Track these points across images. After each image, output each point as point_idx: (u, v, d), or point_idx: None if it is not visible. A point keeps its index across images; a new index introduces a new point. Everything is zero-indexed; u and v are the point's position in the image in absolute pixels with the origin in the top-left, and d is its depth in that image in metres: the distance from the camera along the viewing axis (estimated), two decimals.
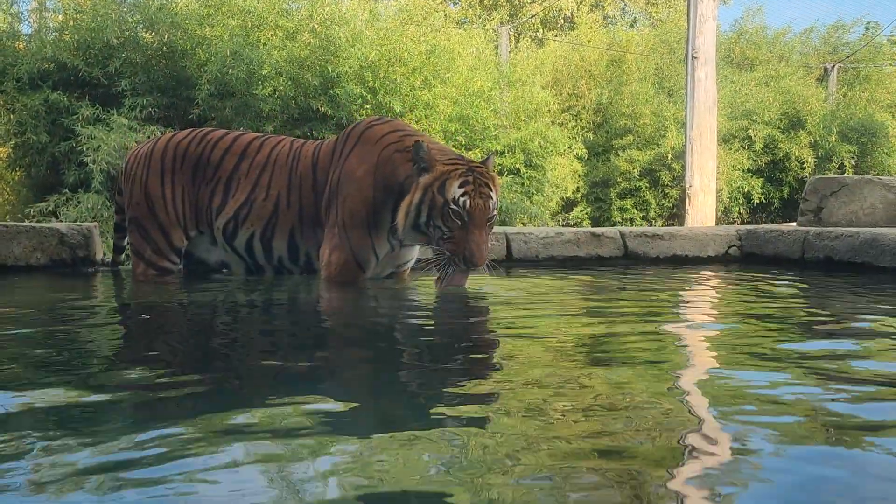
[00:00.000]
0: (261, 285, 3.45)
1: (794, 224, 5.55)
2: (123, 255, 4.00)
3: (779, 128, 12.24)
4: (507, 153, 9.88)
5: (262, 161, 3.55)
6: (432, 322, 2.68)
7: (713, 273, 4.23)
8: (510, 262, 4.41)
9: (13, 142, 7.60)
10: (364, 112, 8.16)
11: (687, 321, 2.66)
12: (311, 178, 3.48)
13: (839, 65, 14.74)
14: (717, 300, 3.25)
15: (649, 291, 3.44)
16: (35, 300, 3.08)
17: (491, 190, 3.15)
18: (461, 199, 3.07)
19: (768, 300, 3.14)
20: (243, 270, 3.66)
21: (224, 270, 3.73)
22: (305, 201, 3.48)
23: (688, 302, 3.22)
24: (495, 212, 3.17)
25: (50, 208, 6.99)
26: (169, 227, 3.58)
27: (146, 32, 7.71)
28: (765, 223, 12.25)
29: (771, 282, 3.76)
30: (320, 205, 3.45)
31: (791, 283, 3.75)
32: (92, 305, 3.01)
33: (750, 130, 11.99)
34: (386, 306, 3.01)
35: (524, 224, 9.95)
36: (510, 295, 3.30)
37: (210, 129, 3.80)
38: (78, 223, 3.93)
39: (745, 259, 4.77)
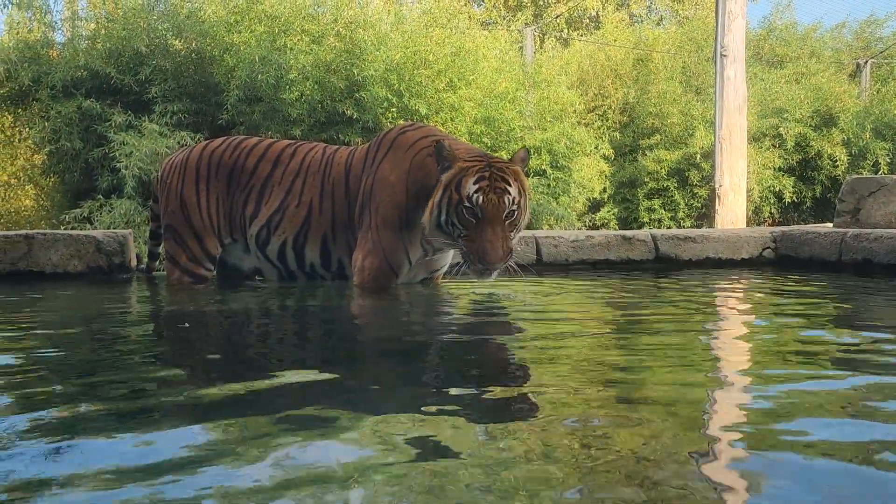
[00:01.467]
0: (294, 292, 3.47)
1: (830, 224, 5.45)
2: (158, 262, 4.05)
3: (810, 125, 12.02)
4: (533, 154, 9.84)
5: (296, 168, 3.57)
6: (465, 330, 2.67)
7: (747, 276, 4.17)
8: (540, 266, 4.38)
9: (48, 149, 7.76)
10: (390, 115, 8.18)
11: (720, 328, 2.62)
12: (344, 184, 3.50)
13: (872, 60, 14.44)
14: (750, 305, 3.20)
15: (681, 295, 3.39)
16: (76, 308, 3.12)
17: (509, 185, 3.09)
18: (474, 196, 3.05)
19: (804, 305, 3.08)
20: (276, 277, 3.69)
21: (257, 277, 3.76)
22: (338, 208, 3.49)
23: (721, 308, 3.17)
24: (515, 207, 3.10)
25: (84, 214, 7.11)
26: (204, 235, 3.62)
27: (175, 40, 7.82)
28: (797, 223, 12.05)
29: (807, 285, 3.69)
30: (353, 211, 3.46)
31: (829, 286, 3.67)
32: (132, 313, 3.05)
33: (781, 128, 11.78)
34: (418, 315, 3.01)
35: (551, 226, 9.90)
36: (542, 300, 3.27)
37: (244, 136, 3.84)
38: (114, 230, 3.99)
39: (779, 261, 4.69)
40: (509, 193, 3.08)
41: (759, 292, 3.63)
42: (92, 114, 7.48)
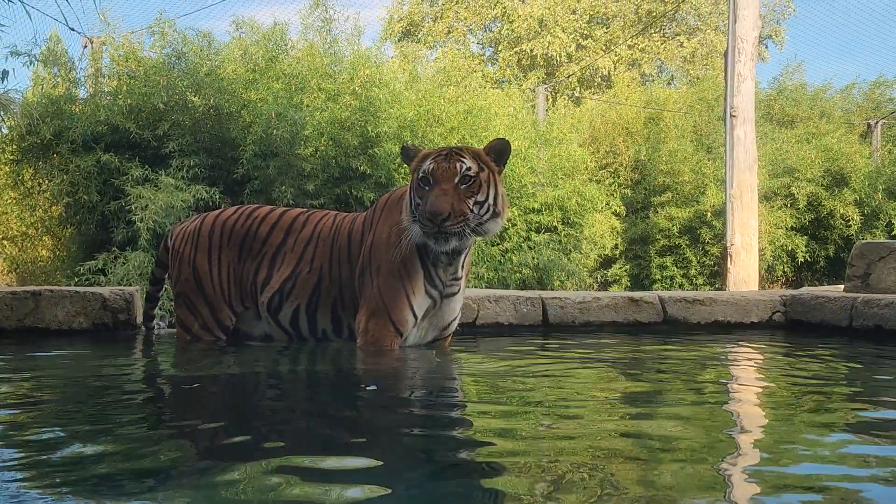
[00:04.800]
0: (301, 355, 3.46)
1: (841, 287, 5.39)
2: (153, 322, 4.08)
3: (822, 185, 12.03)
4: (545, 211, 9.90)
5: (307, 236, 3.61)
6: (466, 396, 2.65)
7: (756, 341, 4.11)
8: (546, 328, 4.36)
9: (65, 201, 7.90)
10: (403, 170, 8.29)
11: (725, 401, 2.57)
12: (347, 249, 3.53)
13: (883, 121, 14.51)
14: (757, 376, 3.15)
15: (687, 363, 3.35)
16: (84, 368, 3.13)
17: (464, 157, 3.17)
18: (428, 167, 3.15)
19: (812, 377, 3.02)
20: (287, 342, 3.68)
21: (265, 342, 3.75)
22: (345, 274, 3.51)
23: (726, 378, 3.12)
24: (472, 174, 3.13)
25: (99, 266, 7.19)
26: (216, 304, 3.63)
27: (194, 96, 8.03)
28: (811, 282, 11.94)
29: (817, 353, 3.63)
30: (356, 275, 3.48)
31: (839, 353, 3.61)
32: (141, 375, 3.07)
33: (792, 188, 11.80)
34: (424, 375, 2.99)
35: (562, 282, 9.88)
36: (545, 368, 3.24)
37: (256, 205, 3.90)
38: (120, 287, 4.02)
39: (789, 326, 4.63)
40: (462, 162, 3.15)
41: (764, 360, 3.58)
42: (110, 167, 7.64)
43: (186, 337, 3.67)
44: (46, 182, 8.26)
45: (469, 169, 3.14)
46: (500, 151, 3.31)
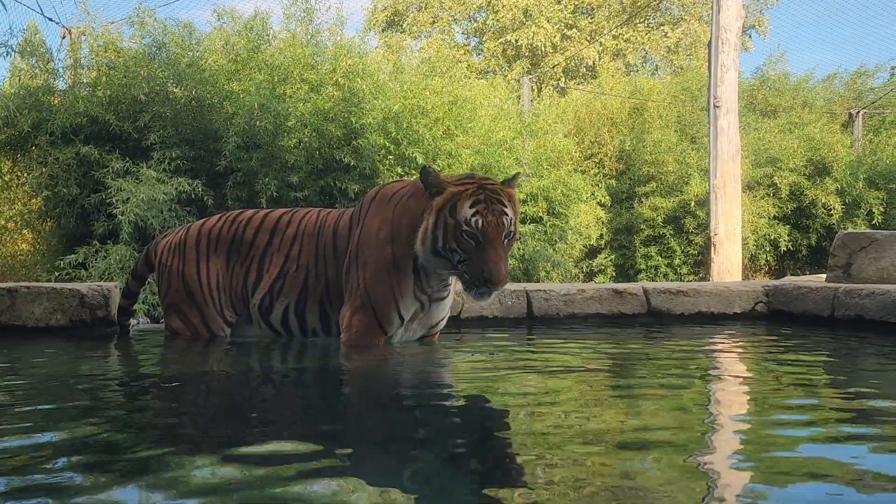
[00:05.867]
0: (282, 351, 3.43)
1: (823, 277, 5.44)
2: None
3: (804, 175, 12.12)
4: (530, 201, 9.90)
5: (292, 234, 3.58)
6: (454, 393, 2.64)
7: (739, 332, 4.13)
8: (531, 320, 4.36)
9: (44, 194, 7.78)
10: (388, 162, 8.25)
11: (708, 395, 2.58)
12: (333, 245, 3.50)
13: (864, 111, 14.63)
14: (740, 368, 3.16)
15: (671, 355, 3.36)
16: (61, 365, 3.08)
17: (505, 206, 3.10)
18: (473, 220, 3.03)
19: (795, 368, 3.04)
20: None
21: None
22: (331, 270, 3.49)
23: (709, 370, 3.14)
24: (513, 227, 3.11)
25: (79, 260, 7.09)
26: (207, 313, 3.60)
27: (175, 87, 7.91)
28: (793, 271, 12.05)
29: (799, 343, 3.66)
30: (342, 271, 3.45)
31: (821, 344, 3.64)
32: (119, 372, 3.03)
33: (775, 177, 11.88)
34: (409, 372, 2.97)
35: (547, 272, 9.90)
36: (535, 355, 3.24)
37: (238, 210, 3.87)
38: (98, 284, 3.95)
39: (772, 316, 4.67)
40: (506, 214, 3.09)
41: (747, 350, 3.60)
42: (90, 160, 7.52)
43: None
44: (25, 175, 8.14)
45: (512, 223, 3.12)
46: (516, 182, 3.38)
